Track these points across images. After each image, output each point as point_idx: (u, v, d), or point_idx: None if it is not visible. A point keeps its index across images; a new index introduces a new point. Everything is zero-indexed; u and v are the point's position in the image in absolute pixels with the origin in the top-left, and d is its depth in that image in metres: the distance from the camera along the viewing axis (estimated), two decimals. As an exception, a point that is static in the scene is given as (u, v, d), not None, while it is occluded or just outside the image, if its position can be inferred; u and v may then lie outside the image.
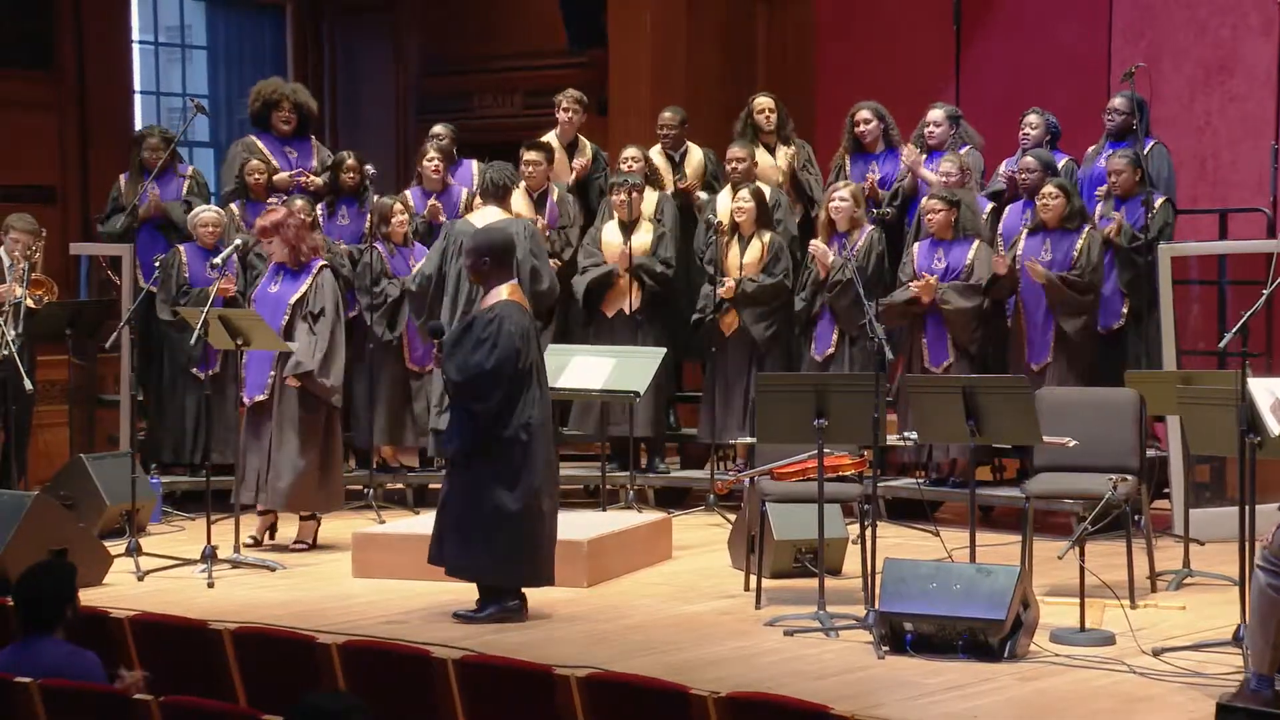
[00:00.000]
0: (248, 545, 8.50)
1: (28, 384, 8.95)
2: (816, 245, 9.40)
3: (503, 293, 7.22)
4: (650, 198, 9.95)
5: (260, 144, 10.23)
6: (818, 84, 11.89)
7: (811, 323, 9.52)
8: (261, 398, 8.52)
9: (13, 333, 8.96)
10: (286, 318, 8.57)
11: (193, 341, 8.29)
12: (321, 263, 8.74)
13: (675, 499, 10.01)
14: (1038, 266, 8.92)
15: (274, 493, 8.50)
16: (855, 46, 11.86)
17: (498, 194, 9.00)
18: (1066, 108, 9.78)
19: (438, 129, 10.33)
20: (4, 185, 11.85)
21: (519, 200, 9.70)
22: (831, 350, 9.42)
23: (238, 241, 9.01)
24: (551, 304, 9.47)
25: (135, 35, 13.10)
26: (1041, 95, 10.06)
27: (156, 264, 9.46)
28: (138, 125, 12.90)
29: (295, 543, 8.71)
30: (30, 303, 9.18)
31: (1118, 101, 9.37)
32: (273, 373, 8.50)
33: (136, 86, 13.08)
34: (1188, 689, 6.03)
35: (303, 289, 8.58)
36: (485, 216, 8.83)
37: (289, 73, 13.24)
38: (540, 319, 8.88)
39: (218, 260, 8.68)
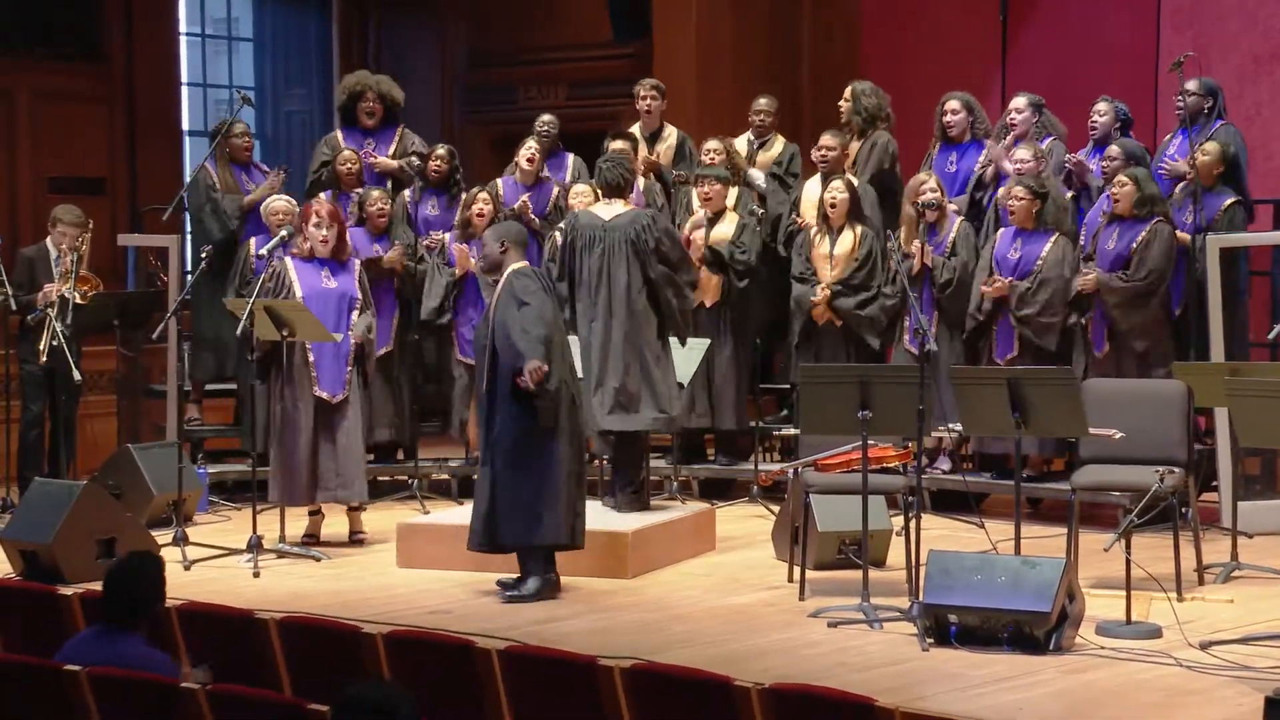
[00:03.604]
0: (308, 541, 8.53)
1: (76, 375, 9.03)
2: (913, 244, 9.19)
3: (519, 263, 7.61)
4: (731, 192, 9.88)
5: (340, 138, 10.26)
6: (863, 74, 11.85)
7: (903, 317, 9.39)
8: (343, 395, 8.51)
9: (60, 325, 9.04)
10: (357, 313, 8.59)
11: (238, 332, 8.32)
12: (359, 261, 8.83)
13: (719, 490, 10.00)
14: (1089, 278, 8.84)
15: (354, 488, 8.51)
16: (901, 36, 11.82)
17: (616, 190, 8.70)
18: (1115, 98, 9.71)
19: (545, 118, 10.31)
20: (53, 176, 11.94)
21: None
22: (933, 345, 9.29)
23: (283, 233, 9.04)
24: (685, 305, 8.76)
25: (182, 28, 13.17)
26: (1089, 86, 9.99)
27: (204, 254, 9.49)
28: (185, 117, 12.99)
29: (354, 534, 8.69)
30: (78, 298, 9.25)
31: (1190, 85, 9.20)
32: (350, 368, 8.51)
33: (183, 78, 13.15)
34: (1235, 683, 5.99)
35: (357, 285, 8.61)
36: (610, 210, 8.63)
37: (335, 65, 13.30)
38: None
39: (264, 250, 8.70)
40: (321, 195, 8.94)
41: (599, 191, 8.91)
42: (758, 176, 10.11)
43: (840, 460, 7.42)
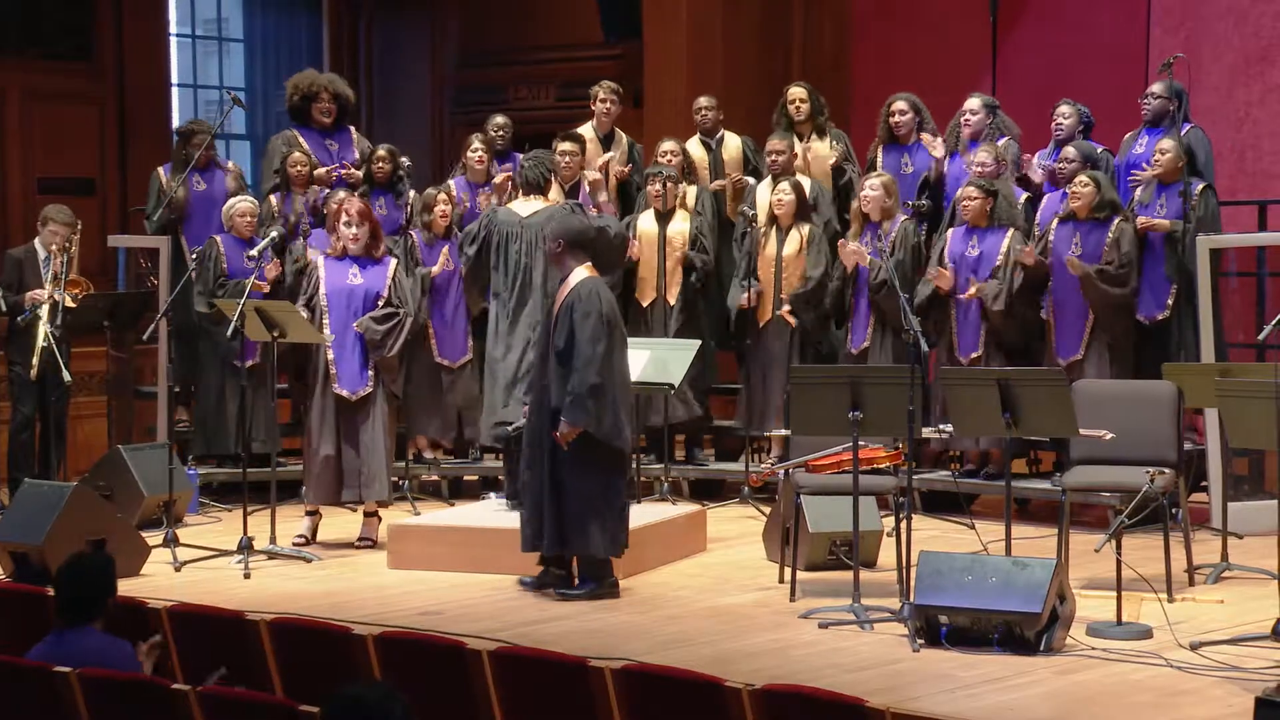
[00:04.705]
0: (298, 543, 8.51)
1: (66, 376, 9.02)
2: (846, 248, 9.36)
3: (583, 273, 7.50)
4: (689, 192, 9.92)
5: (300, 138, 10.23)
6: (854, 74, 11.86)
7: (846, 315, 9.52)
8: (365, 391, 8.48)
9: (49, 327, 9.02)
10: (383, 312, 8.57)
11: (229, 334, 8.32)
12: (396, 260, 8.77)
13: (710, 491, 10.01)
14: (1075, 260, 8.89)
15: (377, 487, 8.46)
16: (892, 36, 11.83)
17: (536, 188, 8.81)
18: (1105, 98, 9.74)
19: (497, 119, 10.31)
20: (44, 177, 11.93)
21: (553, 192, 9.69)
22: (867, 343, 9.40)
23: (273, 234, 9.03)
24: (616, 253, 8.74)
25: (173, 28, 13.15)
26: (1079, 85, 10.01)
27: (194, 255, 9.50)
28: (175, 118, 12.96)
29: (361, 539, 8.64)
30: (69, 301, 9.23)
31: (1155, 87, 9.29)
32: (371, 367, 8.48)
33: (174, 79, 13.13)
34: (1226, 683, 6.00)
35: (388, 283, 8.55)
36: (529, 207, 8.71)
37: (325, 65, 13.28)
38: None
39: (254, 252, 8.69)
40: (353, 193, 8.94)
41: (520, 189, 8.94)
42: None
43: (831, 461, 7.43)
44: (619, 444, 7.42)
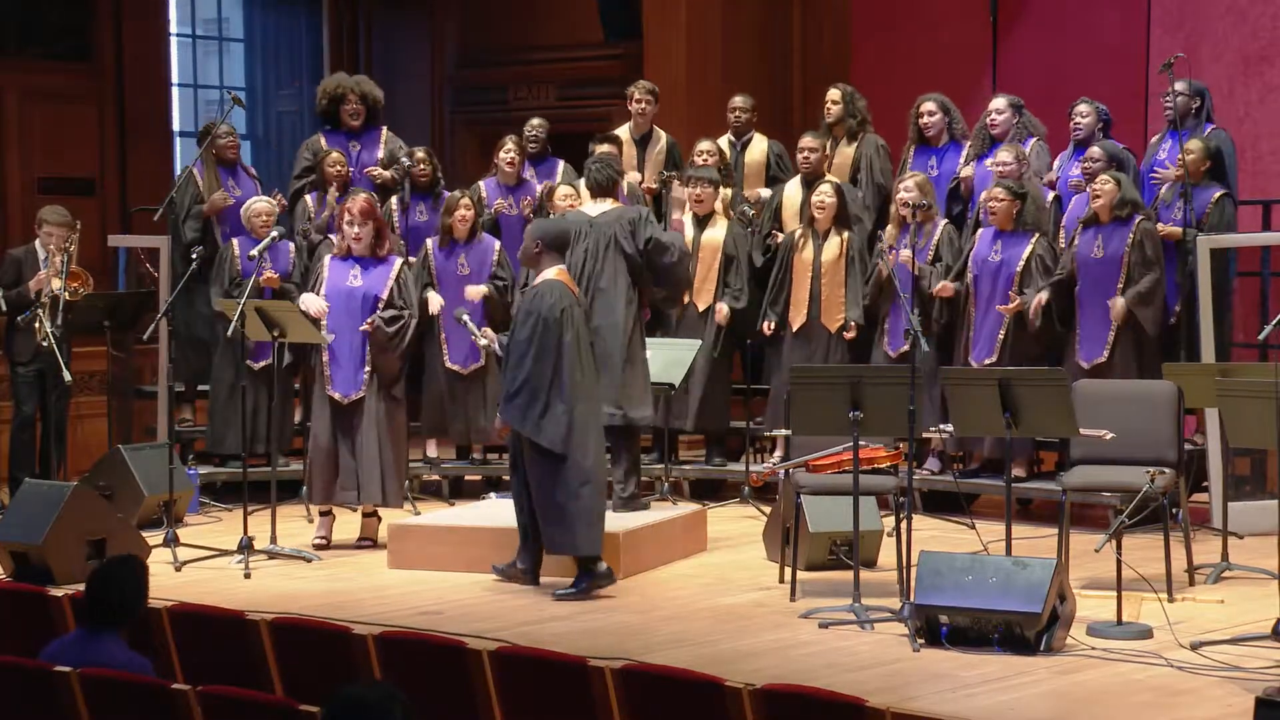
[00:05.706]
0: (318, 545, 8.49)
1: (66, 375, 9.02)
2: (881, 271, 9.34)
3: (550, 274, 7.58)
4: (725, 194, 9.88)
5: (323, 140, 10.22)
6: (853, 76, 11.85)
7: (882, 319, 9.45)
8: (359, 394, 8.45)
9: (50, 325, 9.02)
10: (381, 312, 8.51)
11: (229, 333, 8.31)
12: (401, 260, 8.71)
13: (710, 491, 10.00)
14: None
15: (372, 489, 8.42)
16: (891, 38, 11.83)
17: (604, 190, 8.68)
18: (1105, 99, 9.72)
19: (534, 120, 10.29)
20: (44, 177, 11.92)
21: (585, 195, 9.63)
22: (906, 347, 9.34)
23: (274, 233, 9.03)
24: (683, 274, 8.93)
25: (173, 28, 13.14)
26: (1079, 87, 10.00)
27: (194, 255, 9.51)
28: (175, 118, 12.96)
29: (361, 539, 8.66)
30: (68, 295, 9.23)
31: (1179, 85, 9.23)
32: (366, 370, 8.44)
33: (174, 79, 13.13)
34: (1226, 683, 6.00)
35: (390, 284, 8.48)
36: (598, 207, 8.64)
37: (325, 65, 13.28)
38: (675, 293, 8.97)
39: (255, 251, 8.68)
40: (361, 193, 8.98)
41: (589, 192, 8.89)
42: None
43: (831, 461, 7.43)
44: (560, 450, 7.39)
